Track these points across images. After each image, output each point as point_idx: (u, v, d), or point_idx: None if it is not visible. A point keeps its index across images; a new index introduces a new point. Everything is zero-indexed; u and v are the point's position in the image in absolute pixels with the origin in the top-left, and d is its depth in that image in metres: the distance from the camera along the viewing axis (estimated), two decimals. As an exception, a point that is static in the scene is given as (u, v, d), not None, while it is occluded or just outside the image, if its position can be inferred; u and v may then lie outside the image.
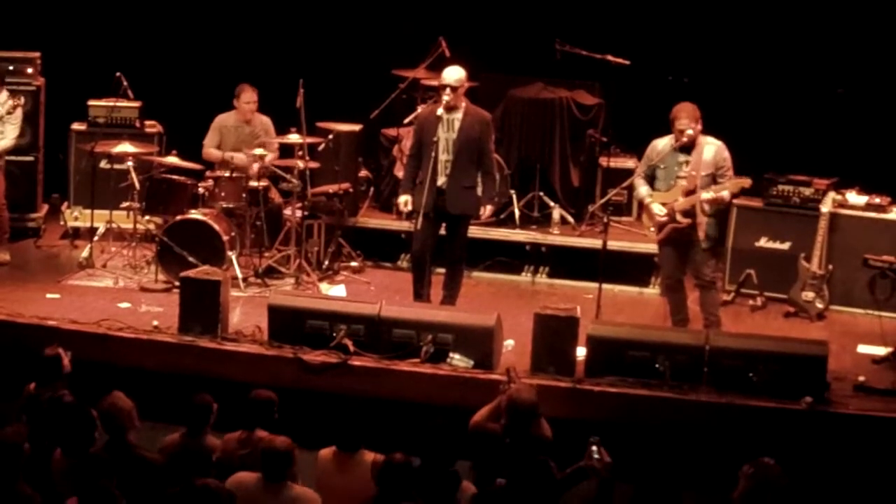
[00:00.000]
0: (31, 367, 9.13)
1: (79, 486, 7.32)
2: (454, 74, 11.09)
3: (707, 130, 10.86)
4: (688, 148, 10.75)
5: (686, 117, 10.70)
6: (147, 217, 12.46)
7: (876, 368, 10.72)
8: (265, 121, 12.90)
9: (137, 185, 12.29)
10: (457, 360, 10.21)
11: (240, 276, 11.90)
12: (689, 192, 10.75)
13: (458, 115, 11.08)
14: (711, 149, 10.78)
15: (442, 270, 11.47)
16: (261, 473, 7.78)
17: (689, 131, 10.66)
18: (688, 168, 10.77)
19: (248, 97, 12.77)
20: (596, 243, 11.85)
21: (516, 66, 13.69)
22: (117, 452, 7.88)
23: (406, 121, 12.90)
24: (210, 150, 12.82)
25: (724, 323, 11.23)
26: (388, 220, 13.21)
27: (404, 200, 11.28)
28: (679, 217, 10.79)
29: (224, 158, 12.60)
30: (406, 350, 10.29)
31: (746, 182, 10.77)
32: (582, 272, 12.49)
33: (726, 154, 10.80)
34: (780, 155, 12.91)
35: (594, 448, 7.68)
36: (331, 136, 12.92)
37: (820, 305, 12.04)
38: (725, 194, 10.73)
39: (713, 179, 10.75)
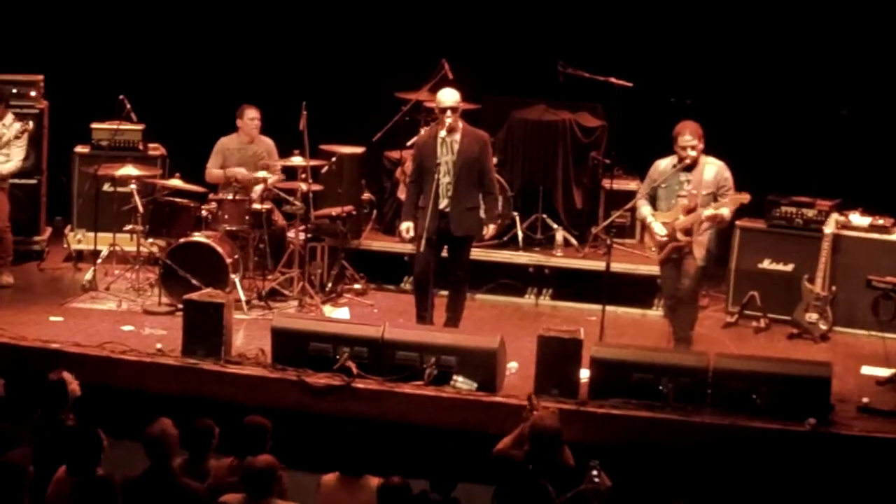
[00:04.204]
0: (36, 392, 9.11)
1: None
2: (453, 96, 11.12)
3: (710, 151, 10.88)
4: (689, 167, 10.76)
5: (689, 134, 10.71)
6: (150, 240, 12.44)
7: (880, 390, 10.69)
8: (268, 143, 12.91)
9: (141, 208, 12.29)
10: (460, 382, 10.18)
11: (243, 298, 11.89)
12: (690, 211, 10.77)
13: (457, 137, 11.10)
14: (713, 169, 10.80)
15: (445, 293, 11.47)
16: (245, 493, 7.76)
17: (692, 152, 10.66)
18: (689, 187, 10.79)
19: (251, 114, 12.80)
20: (599, 265, 11.84)
21: (519, 88, 13.70)
22: (160, 480, 7.86)
23: (409, 143, 12.90)
24: (213, 170, 12.83)
25: (727, 344, 11.30)
26: (391, 242, 13.20)
27: (406, 227, 11.29)
28: (679, 235, 10.80)
29: (226, 174, 12.62)
30: (409, 373, 10.27)
31: (745, 197, 10.76)
32: (585, 294, 12.48)
33: (728, 174, 10.82)
34: (783, 176, 12.91)
35: (594, 472, 7.67)
36: (334, 159, 12.94)
37: (823, 327, 12.01)
38: (725, 211, 10.74)
39: (714, 198, 10.77)
